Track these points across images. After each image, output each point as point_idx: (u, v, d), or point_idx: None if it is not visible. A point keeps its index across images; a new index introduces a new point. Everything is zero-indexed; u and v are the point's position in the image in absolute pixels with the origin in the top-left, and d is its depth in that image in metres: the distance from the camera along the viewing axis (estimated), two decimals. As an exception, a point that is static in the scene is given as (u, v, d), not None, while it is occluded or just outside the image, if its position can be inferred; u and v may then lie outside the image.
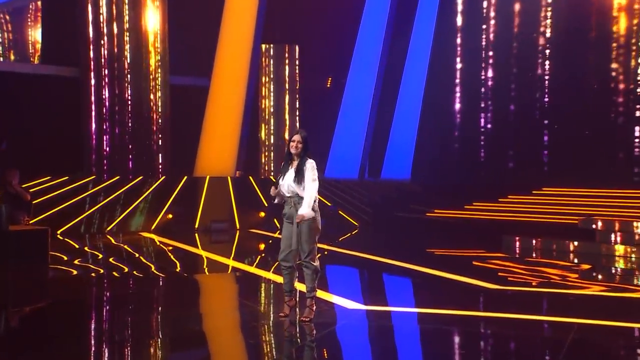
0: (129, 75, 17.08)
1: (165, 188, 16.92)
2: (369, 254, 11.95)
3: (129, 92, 17.11)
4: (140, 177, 16.92)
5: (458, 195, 18.04)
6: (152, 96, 17.48)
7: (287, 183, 6.47)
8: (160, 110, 17.64)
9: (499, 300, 8.03)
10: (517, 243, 13.27)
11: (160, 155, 17.65)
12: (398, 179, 21.01)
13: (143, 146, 17.36)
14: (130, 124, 17.14)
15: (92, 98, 16.80)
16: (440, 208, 17.47)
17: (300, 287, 6.89)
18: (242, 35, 18.95)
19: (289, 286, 6.67)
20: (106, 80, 16.86)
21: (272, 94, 20.43)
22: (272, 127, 20.43)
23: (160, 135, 17.65)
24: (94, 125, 16.82)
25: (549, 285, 8.94)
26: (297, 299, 6.89)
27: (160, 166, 17.65)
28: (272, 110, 20.45)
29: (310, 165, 6.44)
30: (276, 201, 6.69)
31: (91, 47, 16.77)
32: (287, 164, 6.57)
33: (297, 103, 20.66)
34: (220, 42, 18.81)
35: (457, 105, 20.57)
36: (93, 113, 16.81)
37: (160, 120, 17.65)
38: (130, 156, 17.18)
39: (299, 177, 6.40)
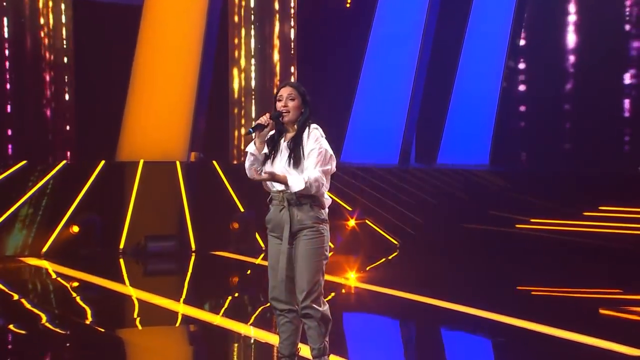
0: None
1: (68, 181, 16.91)
2: (417, 294, 11.87)
3: (4, 18, 17.23)
4: (23, 162, 16.91)
5: (572, 194, 18.11)
6: (44, 22, 17.55)
7: (276, 169, 6.41)
8: (58, 45, 17.73)
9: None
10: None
11: (60, 124, 17.71)
12: (467, 167, 21.12)
13: (29, 109, 17.47)
14: (6, 72, 17.23)
15: None
16: (540, 216, 17.57)
17: (305, 350, 6.78)
18: None
19: (287, 348, 6.60)
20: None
21: (250, 23, 20.39)
22: (252, 79, 20.40)
23: (54, 90, 17.69)
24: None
25: None
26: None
27: (59, 144, 17.71)
28: (250, 49, 20.42)
29: (314, 134, 6.38)
30: (254, 134, 6.36)
31: None
32: (276, 138, 6.53)
33: (294, 38, 20.63)
34: None
35: (571, 43, 20.49)
36: None
37: (57, 63, 17.72)
38: (6, 127, 17.34)
39: (296, 156, 6.34)
